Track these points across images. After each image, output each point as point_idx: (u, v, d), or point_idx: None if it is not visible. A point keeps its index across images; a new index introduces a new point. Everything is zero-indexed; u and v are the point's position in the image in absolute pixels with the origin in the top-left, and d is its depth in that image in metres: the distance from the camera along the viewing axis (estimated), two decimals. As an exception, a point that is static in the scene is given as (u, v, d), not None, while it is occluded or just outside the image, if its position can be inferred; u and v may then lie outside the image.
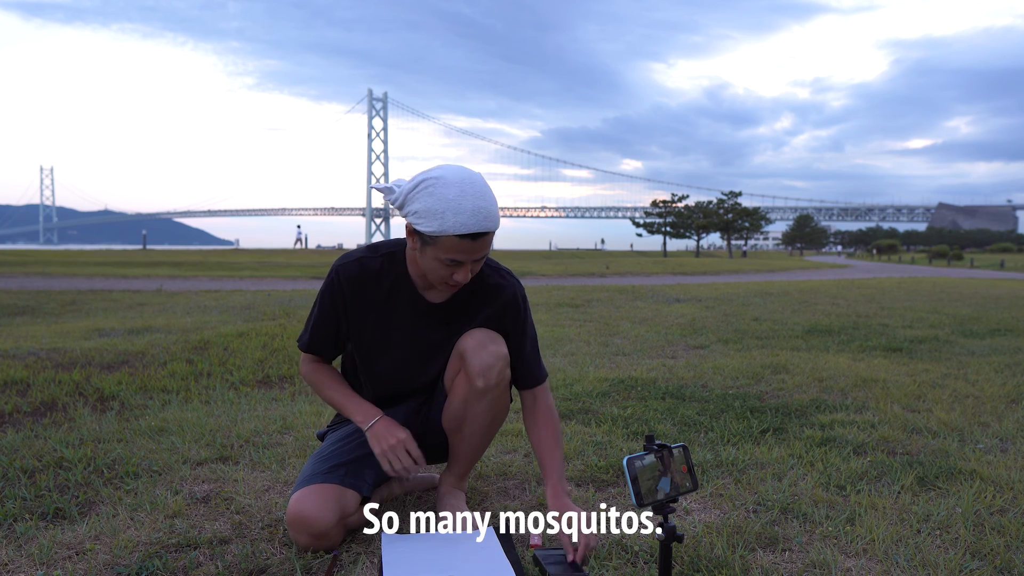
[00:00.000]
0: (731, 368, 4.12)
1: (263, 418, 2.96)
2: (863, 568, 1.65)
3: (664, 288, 11.66)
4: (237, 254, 33.38)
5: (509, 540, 1.77)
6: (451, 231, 1.55)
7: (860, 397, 3.40)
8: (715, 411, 3.09)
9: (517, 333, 1.88)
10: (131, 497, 2.05)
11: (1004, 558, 1.69)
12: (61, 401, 3.24)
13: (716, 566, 1.64)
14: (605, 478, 2.25)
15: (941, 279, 16.47)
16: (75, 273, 15.61)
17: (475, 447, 1.91)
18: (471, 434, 1.88)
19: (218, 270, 18.12)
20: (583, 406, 3.18)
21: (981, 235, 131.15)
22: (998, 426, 2.88)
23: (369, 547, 1.77)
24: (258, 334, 5.12)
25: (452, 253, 1.60)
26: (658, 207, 61.30)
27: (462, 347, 1.80)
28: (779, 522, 1.91)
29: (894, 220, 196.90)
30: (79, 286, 11.51)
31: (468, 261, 1.63)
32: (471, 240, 1.58)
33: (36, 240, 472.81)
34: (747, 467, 2.35)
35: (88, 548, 1.72)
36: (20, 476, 2.22)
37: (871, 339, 5.42)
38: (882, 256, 60.00)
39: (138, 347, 4.52)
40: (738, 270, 23.56)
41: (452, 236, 1.57)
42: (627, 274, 19.41)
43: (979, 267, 31.88)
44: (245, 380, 3.75)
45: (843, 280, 15.36)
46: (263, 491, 2.12)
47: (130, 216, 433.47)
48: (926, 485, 2.19)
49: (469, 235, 1.57)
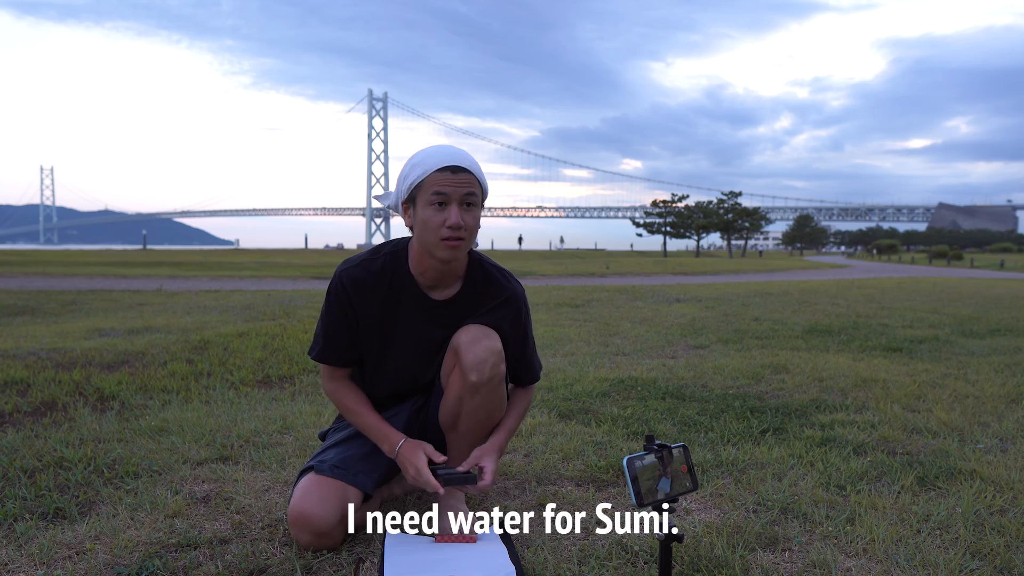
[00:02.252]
0: (731, 368, 4.12)
1: (263, 418, 2.96)
2: (863, 568, 1.65)
3: (664, 288, 11.66)
4: (237, 254, 33.40)
5: (510, 540, 1.77)
6: (431, 168, 1.68)
7: (860, 397, 3.40)
8: (715, 411, 3.09)
9: (519, 333, 1.91)
10: (131, 497, 2.05)
11: (1004, 558, 1.69)
12: (61, 401, 3.24)
13: (716, 566, 1.64)
14: (605, 478, 2.25)
15: (941, 279, 16.47)
16: (75, 273, 15.62)
17: (471, 444, 1.89)
18: (467, 431, 1.87)
19: (218, 270, 18.13)
20: (583, 406, 3.18)
21: (981, 235, 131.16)
22: (998, 426, 2.88)
23: (370, 547, 1.77)
24: (258, 334, 5.12)
25: (436, 186, 1.68)
26: (658, 207, 61.31)
27: (456, 342, 1.81)
28: (779, 522, 1.91)
29: (894, 220, 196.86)
30: (79, 286, 11.51)
31: (455, 198, 1.68)
32: (452, 173, 1.69)
33: (36, 240, 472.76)
34: (747, 467, 2.35)
35: (88, 548, 1.72)
36: (20, 476, 2.22)
37: (871, 339, 5.42)
38: (882, 256, 60.02)
39: (138, 347, 4.52)
40: (738, 270, 23.56)
41: (433, 172, 1.68)
42: (627, 274, 19.41)
43: (979, 267, 31.88)
44: (245, 380, 3.75)
45: (843, 280, 15.36)
46: (263, 491, 2.12)
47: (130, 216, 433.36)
48: (926, 485, 2.19)
49: (449, 168, 1.69)
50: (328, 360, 1.85)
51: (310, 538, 1.69)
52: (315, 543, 1.70)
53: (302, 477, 1.80)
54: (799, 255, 76.29)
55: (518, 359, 1.92)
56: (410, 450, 1.76)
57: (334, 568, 1.65)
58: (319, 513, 1.68)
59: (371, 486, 1.82)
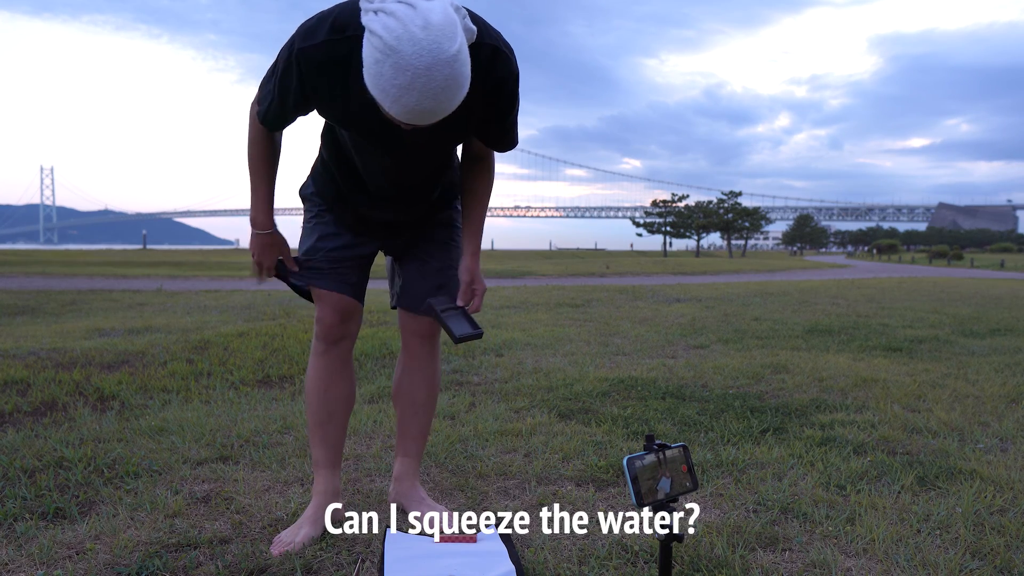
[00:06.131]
0: (731, 368, 4.12)
1: (263, 418, 2.96)
2: (863, 568, 1.66)
3: (664, 288, 11.66)
4: (237, 254, 33.39)
5: (510, 540, 1.77)
6: (390, 109, 1.32)
7: (860, 397, 3.40)
8: (715, 411, 3.09)
9: (506, 107, 1.61)
10: (131, 497, 2.05)
11: (1004, 558, 1.69)
12: (61, 401, 3.24)
13: (716, 566, 1.64)
14: (605, 478, 2.25)
15: (941, 279, 16.47)
16: (75, 273, 15.61)
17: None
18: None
19: (218, 270, 18.12)
20: (583, 406, 3.19)
21: (981, 235, 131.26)
22: (998, 426, 2.88)
23: (370, 547, 1.77)
24: (258, 334, 5.12)
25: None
26: (658, 207, 61.34)
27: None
28: (779, 522, 1.91)
29: (894, 220, 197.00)
30: (79, 286, 11.51)
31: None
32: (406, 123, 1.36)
33: (36, 240, 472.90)
34: (747, 467, 2.35)
35: (88, 548, 1.72)
36: (20, 476, 2.22)
37: (871, 339, 5.42)
38: (882, 256, 60.04)
39: (138, 347, 4.52)
40: (738, 270, 23.57)
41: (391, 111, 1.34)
42: (627, 274, 19.41)
43: (979, 267, 31.88)
44: (245, 380, 3.75)
45: (843, 280, 15.36)
46: (263, 491, 2.13)
47: (130, 216, 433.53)
48: (926, 485, 2.19)
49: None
50: (271, 127, 1.67)
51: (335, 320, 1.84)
52: (339, 331, 1.86)
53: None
54: (799, 255, 76.31)
55: (501, 125, 1.65)
56: (273, 241, 1.80)
57: (334, 568, 1.65)
58: (338, 304, 1.84)
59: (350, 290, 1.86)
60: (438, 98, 1.28)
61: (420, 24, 1.24)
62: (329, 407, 1.90)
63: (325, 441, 1.91)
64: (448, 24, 1.27)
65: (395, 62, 1.24)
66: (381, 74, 1.26)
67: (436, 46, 1.24)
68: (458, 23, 1.30)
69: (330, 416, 1.90)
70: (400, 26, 1.23)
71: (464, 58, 1.29)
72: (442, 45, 1.24)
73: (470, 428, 2.81)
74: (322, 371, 1.89)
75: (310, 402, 1.91)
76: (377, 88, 1.29)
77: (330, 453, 1.91)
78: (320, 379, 1.89)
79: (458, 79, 1.29)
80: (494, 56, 1.51)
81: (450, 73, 1.26)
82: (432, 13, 1.26)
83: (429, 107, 1.29)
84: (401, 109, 1.29)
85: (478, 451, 2.52)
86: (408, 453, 2.02)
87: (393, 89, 1.26)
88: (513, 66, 1.56)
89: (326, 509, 1.85)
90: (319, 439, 1.91)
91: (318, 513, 1.84)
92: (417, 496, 1.98)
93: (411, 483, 2.00)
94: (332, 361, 1.88)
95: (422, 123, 1.34)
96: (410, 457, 2.02)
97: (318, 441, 1.91)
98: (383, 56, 1.25)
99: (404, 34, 1.23)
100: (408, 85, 1.25)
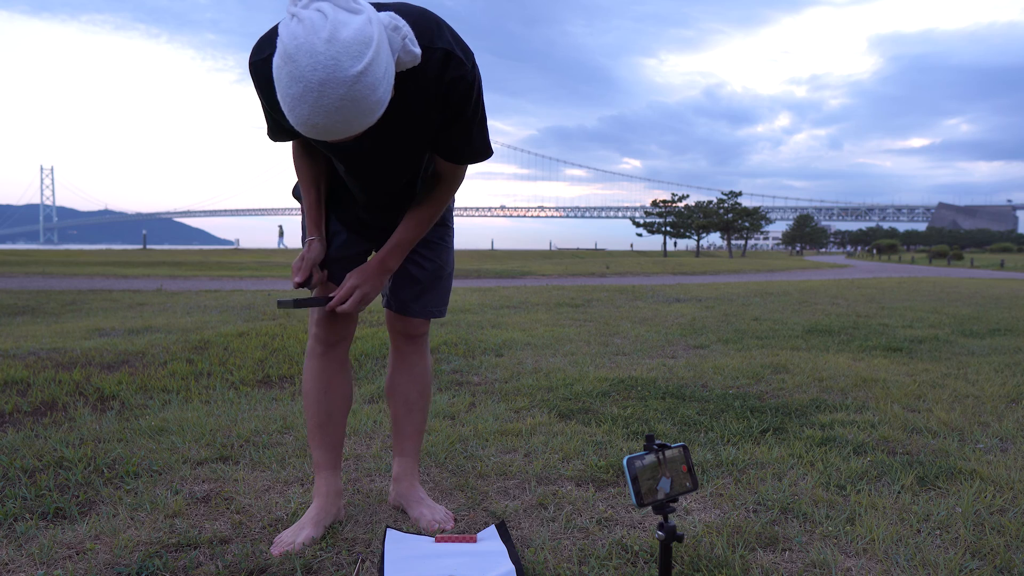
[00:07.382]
0: (731, 368, 4.12)
1: (263, 418, 2.96)
2: (863, 568, 1.66)
3: (664, 288, 11.66)
4: (237, 254, 33.39)
5: (510, 540, 1.77)
6: (294, 123, 1.26)
7: (860, 397, 3.40)
8: (715, 411, 3.10)
9: (458, 111, 1.53)
10: (131, 497, 2.05)
11: (1004, 558, 1.69)
12: (61, 401, 3.24)
13: (716, 566, 1.64)
14: (605, 478, 2.25)
15: (941, 279, 16.47)
16: (75, 273, 15.61)
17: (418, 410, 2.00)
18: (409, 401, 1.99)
19: (218, 270, 18.12)
20: (583, 406, 3.19)
21: (981, 235, 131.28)
22: (998, 426, 2.88)
23: (370, 547, 1.77)
24: (258, 334, 5.12)
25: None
26: (658, 207, 61.32)
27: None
28: (779, 522, 1.91)
29: (894, 220, 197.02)
30: (79, 286, 11.51)
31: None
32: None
33: (36, 240, 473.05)
34: (747, 467, 2.36)
35: (88, 548, 1.72)
36: (20, 476, 2.22)
37: (871, 339, 5.42)
38: (882, 256, 60.03)
39: (138, 347, 4.52)
40: (738, 270, 23.57)
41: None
42: (627, 274, 19.41)
43: (979, 267, 31.88)
44: (245, 380, 3.75)
45: (843, 280, 15.36)
46: (263, 491, 2.13)
47: (130, 216, 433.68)
48: (926, 485, 2.19)
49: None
50: (281, 140, 1.66)
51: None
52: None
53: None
54: (800, 255, 76.33)
55: (466, 139, 1.58)
56: (315, 248, 1.76)
57: (334, 568, 1.65)
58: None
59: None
60: (331, 117, 1.21)
61: (325, 37, 1.17)
62: (328, 408, 1.90)
63: (325, 442, 1.91)
64: (357, 42, 1.19)
65: (290, 71, 1.19)
66: (279, 80, 1.22)
67: (334, 63, 1.17)
68: (375, 43, 1.22)
69: (329, 417, 1.90)
70: (304, 35, 1.18)
71: (371, 81, 1.21)
72: (341, 63, 1.17)
73: (470, 428, 2.81)
74: (320, 372, 1.89)
75: (309, 404, 1.90)
76: (278, 94, 1.24)
77: (330, 454, 1.91)
78: (319, 380, 1.89)
79: (357, 101, 1.21)
80: (446, 60, 1.44)
81: (345, 94, 1.19)
82: (343, 27, 1.19)
83: (322, 123, 1.22)
84: (295, 120, 1.24)
85: (478, 451, 2.52)
86: (405, 452, 2.02)
87: (287, 98, 1.22)
88: (466, 70, 1.47)
89: (327, 511, 1.85)
90: (319, 441, 1.91)
91: (320, 515, 1.84)
92: (416, 496, 1.98)
93: (410, 483, 2.00)
94: (330, 362, 1.89)
95: (321, 138, 1.27)
96: (407, 456, 2.02)
97: (318, 443, 1.91)
98: (282, 63, 1.20)
99: (304, 44, 1.17)
100: (300, 97, 1.20)
